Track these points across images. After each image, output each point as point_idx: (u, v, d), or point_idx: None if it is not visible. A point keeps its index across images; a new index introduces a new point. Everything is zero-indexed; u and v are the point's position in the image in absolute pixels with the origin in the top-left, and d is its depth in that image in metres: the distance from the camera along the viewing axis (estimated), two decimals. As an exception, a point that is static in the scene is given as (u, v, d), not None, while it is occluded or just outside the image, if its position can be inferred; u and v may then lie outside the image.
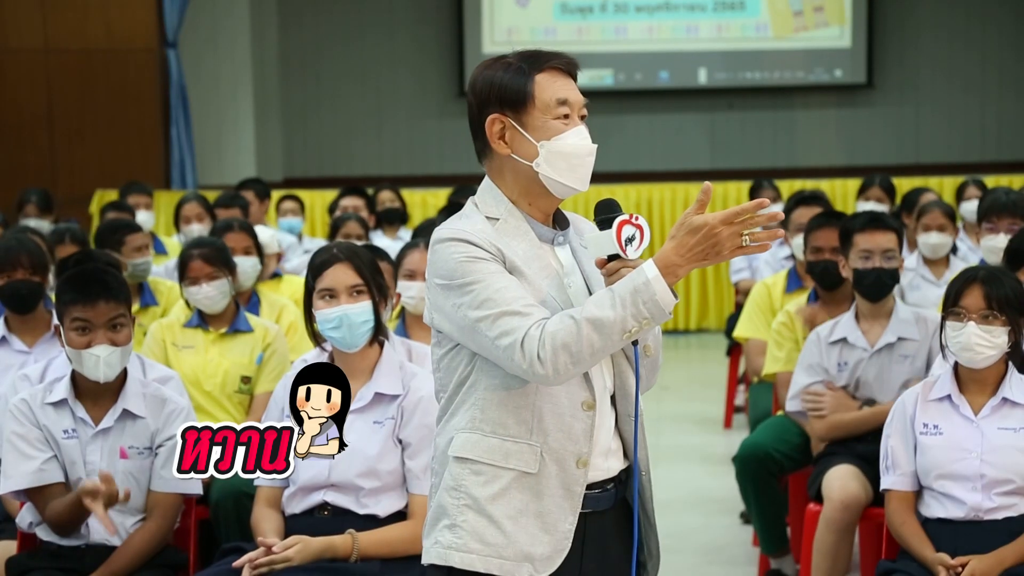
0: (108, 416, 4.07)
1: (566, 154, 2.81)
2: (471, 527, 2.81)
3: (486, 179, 2.91)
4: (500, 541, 2.79)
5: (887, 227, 5.03)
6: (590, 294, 2.82)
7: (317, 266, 4.03)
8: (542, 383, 2.76)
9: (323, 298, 3.96)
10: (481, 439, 2.81)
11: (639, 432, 2.86)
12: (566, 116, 2.83)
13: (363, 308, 3.92)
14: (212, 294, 5.18)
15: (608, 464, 2.88)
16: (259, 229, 6.35)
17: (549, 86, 2.83)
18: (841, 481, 4.72)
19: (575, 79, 2.88)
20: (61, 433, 4.05)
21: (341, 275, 3.95)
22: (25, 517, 4.11)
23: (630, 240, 2.75)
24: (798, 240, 6.47)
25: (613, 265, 2.77)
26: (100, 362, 4.00)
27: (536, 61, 2.85)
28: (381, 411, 3.92)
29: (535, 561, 2.81)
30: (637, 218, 2.76)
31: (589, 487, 2.84)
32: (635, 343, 2.78)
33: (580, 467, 2.82)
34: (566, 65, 2.87)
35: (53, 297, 4.97)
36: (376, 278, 3.99)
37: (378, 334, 3.98)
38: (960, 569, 3.97)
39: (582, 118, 2.85)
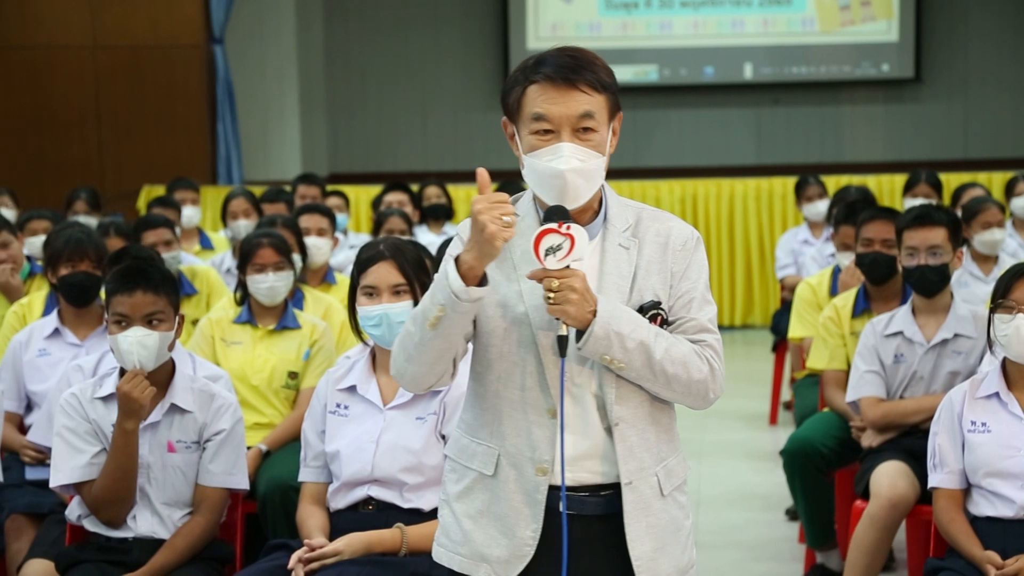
0: (156, 410, 4.08)
1: (537, 172, 2.75)
2: (444, 522, 2.93)
3: None
4: (459, 538, 2.87)
5: (934, 223, 4.93)
6: None
7: (363, 262, 4.03)
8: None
9: (367, 295, 3.95)
10: (460, 437, 2.91)
11: (562, 440, 2.74)
12: (545, 132, 2.74)
13: (403, 308, 3.88)
14: (277, 285, 5.18)
15: (582, 475, 2.79)
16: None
17: (534, 99, 2.74)
18: (890, 479, 4.68)
19: (579, 86, 2.71)
20: (110, 427, 4.06)
21: (384, 273, 3.93)
22: (74, 510, 4.14)
23: (554, 249, 2.66)
24: (844, 257, 6.36)
25: (536, 273, 2.70)
26: (135, 344, 3.97)
27: (533, 69, 2.76)
28: (424, 406, 3.92)
29: (492, 563, 2.82)
30: (568, 227, 2.66)
31: (571, 490, 2.77)
32: (562, 350, 2.70)
33: (540, 474, 2.77)
34: (557, 72, 2.72)
35: (102, 293, 5.01)
36: (420, 276, 3.98)
37: None
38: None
39: (584, 130, 2.73)
